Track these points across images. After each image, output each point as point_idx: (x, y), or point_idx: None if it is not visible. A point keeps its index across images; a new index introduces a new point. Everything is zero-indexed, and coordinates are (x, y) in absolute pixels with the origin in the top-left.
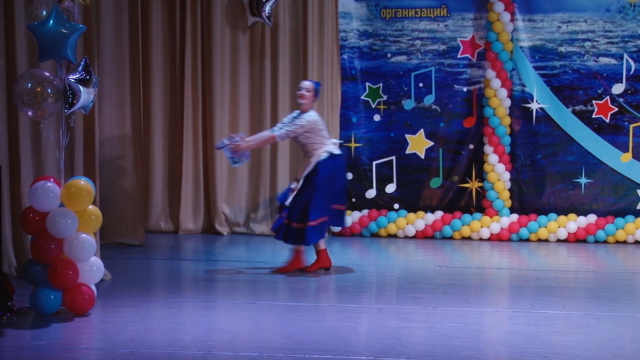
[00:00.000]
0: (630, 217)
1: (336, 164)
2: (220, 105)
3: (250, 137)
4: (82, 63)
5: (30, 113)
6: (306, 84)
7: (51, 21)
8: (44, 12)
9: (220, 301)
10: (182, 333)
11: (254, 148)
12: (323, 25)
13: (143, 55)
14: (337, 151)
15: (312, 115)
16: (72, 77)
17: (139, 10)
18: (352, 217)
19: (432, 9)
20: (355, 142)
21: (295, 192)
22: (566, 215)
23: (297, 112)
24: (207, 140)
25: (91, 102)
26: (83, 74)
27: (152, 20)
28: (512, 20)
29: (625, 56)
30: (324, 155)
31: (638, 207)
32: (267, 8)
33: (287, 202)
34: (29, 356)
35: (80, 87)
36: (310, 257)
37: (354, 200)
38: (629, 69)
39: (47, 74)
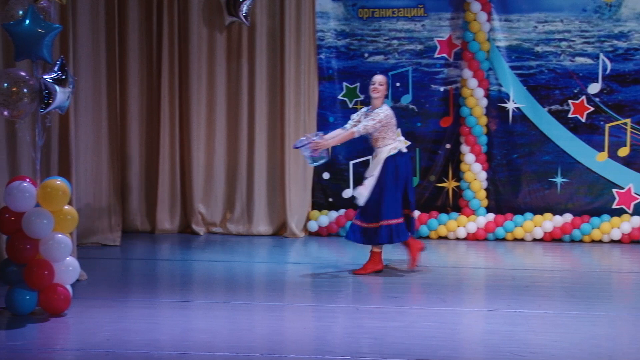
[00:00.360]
0: (605, 217)
1: (403, 161)
2: (197, 105)
3: (328, 135)
4: (58, 63)
5: (6, 113)
6: (379, 77)
7: (27, 21)
8: (20, 12)
9: (196, 301)
10: (158, 333)
11: (332, 146)
12: (300, 25)
13: (120, 55)
14: (404, 149)
15: (387, 110)
16: (48, 77)
17: (116, 10)
18: (329, 217)
19: (409, 9)
20: None
21: (365, 190)
22: (542, 214)
23: (366, 108)
24: (184, 140)
25: (67, 102)
26: (59, 73)
27: (128, 20)
28: (489, 20)
29: (601, 56)
30: (393, 152)
31: (613, 206)
32: (244, 8)
33: (360, 202)
34: (4, 356)
35: (56, 87)
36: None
37: (330, 200)
38: (604, 69)
39: (23, 73)
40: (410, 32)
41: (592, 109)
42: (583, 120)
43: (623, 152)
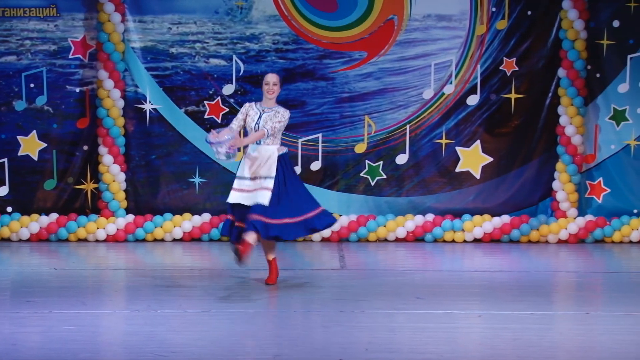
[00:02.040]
0: None
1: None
2: None
3: (227, 134)
4: None
5: None
6: (274, 78)
7: None
8: None
9: None
10: None
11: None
12: None
13: None
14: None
15: (288, 112)
16: None
17: None
18: None
19: (41, 9)
20: None
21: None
22: (181, 214)
23: (255, 103)
24: None
25: None
26: None
27: None
28: (123, 20)
29: (235, 57)
30: (282, 151)
31: None
32: None
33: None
34: None
35: None
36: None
37: None
38: (238, 70)
39: None
40: (43, 32)
41: (227, 109)
42: (219, 120)
43: None
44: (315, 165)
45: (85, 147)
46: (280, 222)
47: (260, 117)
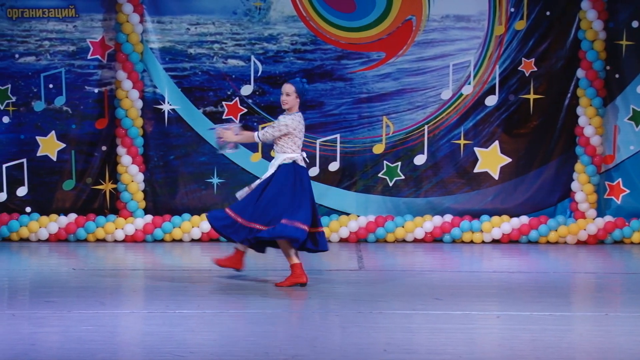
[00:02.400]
0: None
1: (304, 172)
2: None
3: (238, 131)
4: None
5: None
6: (286, 87)
7: None
8: None
9: None
10: None
11: (235, 142)
12: None
13: None
14: (301, 162)
15: (291, 119)
16: None
17: None
18: None
19: (60, 10)
20: None
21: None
22: (199, 215)
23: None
24: None
25: None
26: None
27: None
28: (142, 21)
29: (253, 58)
30: (287, 161)
31: None
32: None
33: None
34: None
35: None
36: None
37: None
38: (256, 71)
39: None
40: (62, 33)
41: (245, 110)
42: (237, 121)
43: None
44: (334, 166)
45: (104, 148)
46: (237, 218)
47: None
